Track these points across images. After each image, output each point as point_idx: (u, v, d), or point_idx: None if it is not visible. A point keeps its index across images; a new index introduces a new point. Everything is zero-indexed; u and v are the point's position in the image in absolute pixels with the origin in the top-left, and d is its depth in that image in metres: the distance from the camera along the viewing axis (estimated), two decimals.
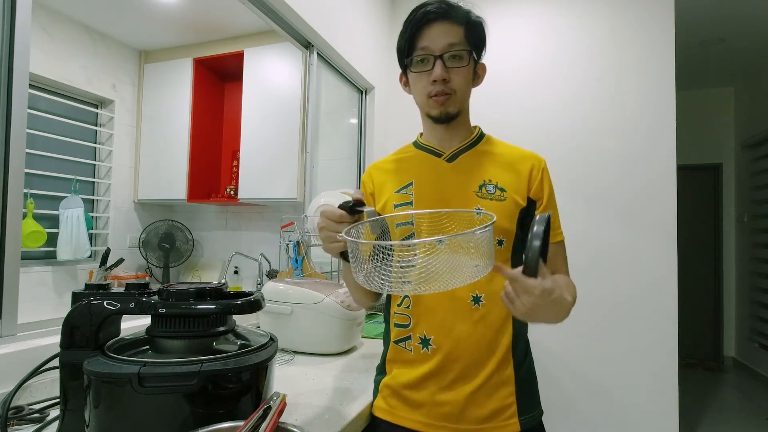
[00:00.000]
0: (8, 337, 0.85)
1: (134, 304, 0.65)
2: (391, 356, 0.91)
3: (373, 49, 2.36)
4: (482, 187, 0.87)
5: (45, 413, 0.75)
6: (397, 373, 0.88)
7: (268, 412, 0.58)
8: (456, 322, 0.83)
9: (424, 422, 0.83)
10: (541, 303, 0.62)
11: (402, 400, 0.86)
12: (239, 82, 2.44)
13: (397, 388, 0.87)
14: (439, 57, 0.83)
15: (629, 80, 2.19)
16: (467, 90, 0.89)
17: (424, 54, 0.84)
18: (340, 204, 0.74)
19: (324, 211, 0.74)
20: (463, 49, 0.84)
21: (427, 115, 0.91)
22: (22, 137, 0.88)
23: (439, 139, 0.93)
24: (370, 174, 0.99)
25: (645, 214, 2.14)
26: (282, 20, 1.68)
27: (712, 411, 3.23)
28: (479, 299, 0.84)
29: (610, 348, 2.16)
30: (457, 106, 0.88)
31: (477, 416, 0.82)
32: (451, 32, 0.83)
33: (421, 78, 0.86)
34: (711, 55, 3.69)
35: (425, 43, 0.83)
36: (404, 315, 0.89)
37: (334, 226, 0.72)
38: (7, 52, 0.86)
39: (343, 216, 0.72)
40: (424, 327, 0.86)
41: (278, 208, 2.49)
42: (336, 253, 0.77)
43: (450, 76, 0.84)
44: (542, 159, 0.93)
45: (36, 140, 2.12)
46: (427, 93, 0.86)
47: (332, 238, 0.73)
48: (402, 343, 0.89)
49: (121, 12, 2.28)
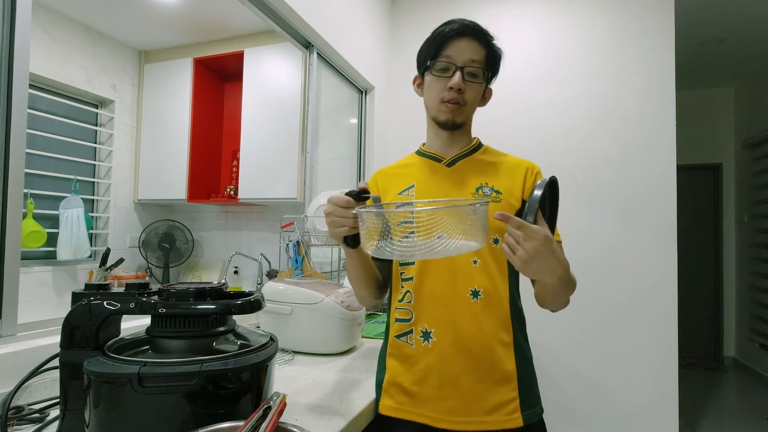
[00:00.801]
0: (8, 337, 0.85)
1: (134, 304, 0.65)
2: (391, 351, 0.94)
3: (373, 49, 2.36)
4: (479, 189, 0.93)
5: (45, 413, 0.75)
6: (400, 370, 0.91)
7: (268, 412, 0.58)
8: (456, 315, 0.87)
9: (431, 416, 0.86)
10: (542, 250, 0.67)
11: (408, 396, 0.89)
12: (239, 82, 2.44)
13: (402, 385, 0.90)
14: (460, 68, 0.90)
15: (629, 80, 2.19)
16: (475, 105, 0.96)
17: (447, 62, 0.91)
18: (347, 192, 0.78)
19: (332, 197, 0.78)
20: (481, 68, 0.92)
21: (434, 119, 0.96)
22: (22, 137, 0.88)
23: (441, 145, 0.99)
24: (375, 179, 1.05)
25: (645, 214, 2.14)
26: (282, 20, 1.68)
27: (712, 411, 3.23)
28: (478, 293, 0.87)
29: (610, 348, 2.16)
30: (464, 116, 0.95)
31: (481, 409, 0.84)
32: (475, 50, 0.91)
33: (439, 82, 0.92)
34: (711, 55, 3.69)
35: (450, 52, 0.90)
36: (406, 310, 0.92)
37: (341, 212, 0.77)
38: (7, 52, 0.86)
39: (350, 202, 0.77)
40: (425, 320, 0.89)
41: (278, 208, 2.49)
42: (340, 239, 0.80)
43: (465, 88, 0.91)
44: (536, 165, 0.99)
45: (36, 140, 2.13)
46: (441, 98, 0.92)
47: (338, 223, 0.77)
48: (403, 337, 0.92)
49: (121, 12, 2.28)
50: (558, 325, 2.24)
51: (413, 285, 0.91)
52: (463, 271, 0.88)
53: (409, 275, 0.92)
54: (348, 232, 0.78)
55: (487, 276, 0.88)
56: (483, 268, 0.88)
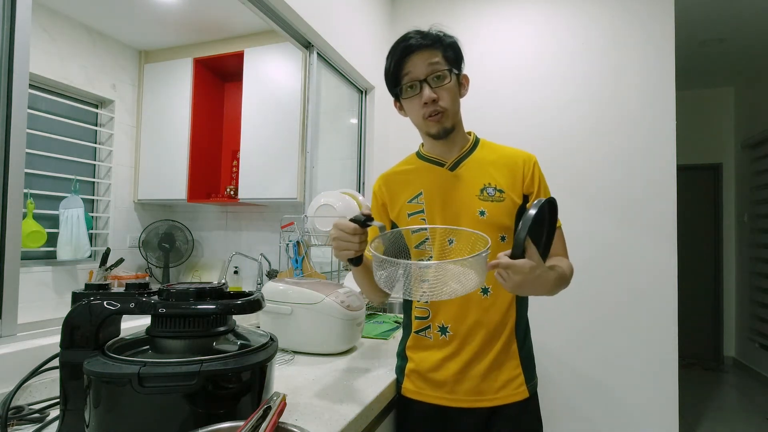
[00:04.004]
0: (8, 337, 0.85)
1: (134, 304, 0.65)
2: (411, 344, 1.05)
3: (373, 49, 2.36)
4: (483, 191, 0.98)
5: (45, 413, 0.75)
6: (420, 358, 1.02)
7: (268, 412, 0.58)
8: (469, 310, 0.97)
9: (448, 398, 0.98)
10: (529, 279, 0.75)
11: (427, 381, 1.00)
12: (239, 82, 2.44)
13: (421, 372, 1.01)
14: (424, 80, 0.93)
15: (629, 80, 2.19)
16: (456, 103, 0.99)
17: (410, 80, 0.94)
18: (352, 218, 0.84)
19: (337, 223, 0.84)
20: (444, 69, 0.94)
21: (427, 134, 1.01)
22: (22, 137, 0.88)
23: (440, 150, 1.04)
24: (380, 185, 1.10)
25: (645, 214, 2.14)
26: (282, 20, 1.68)
27: (712, 411, 3.23)
28: (487, 290, 0.97)
29: (610, 348, 2.16)
30: (451, 120, 0.98)
31: (492, 388, 0.96)
32: (429, 56, 0.93)
33: (413, 102, 0.96)
34: (711, 55, 3.69)
35: (409, 69, 0.94)
36: (424, 309, 1.02)
37: (347, 237, 0.83)
38: (7, 52, 0.86)
39: (356, 229, 0.82)
40: (442, 317, 0.99)
41: (278, 208, 2.49)
42: (345, 260, 0.88)
43: (438, 96, 0.93)
44: (532, 156, 1.03)
45: (36, 140, 2.12)
46: (422, 115, 0.96)
47: (344, 247, 0.84)
48: (422, 332, 1.02)
49: (121, 12, 2.28)
50: (558, 325, 2.24)
51: None
52: None
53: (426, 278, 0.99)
54: (353, 256, 0.85)
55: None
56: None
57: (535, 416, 1.01)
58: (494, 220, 0.96)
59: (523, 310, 1.02)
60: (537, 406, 1.02)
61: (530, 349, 1.03)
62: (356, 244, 0.83)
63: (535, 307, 0.99)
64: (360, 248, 0.84)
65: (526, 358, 1.00)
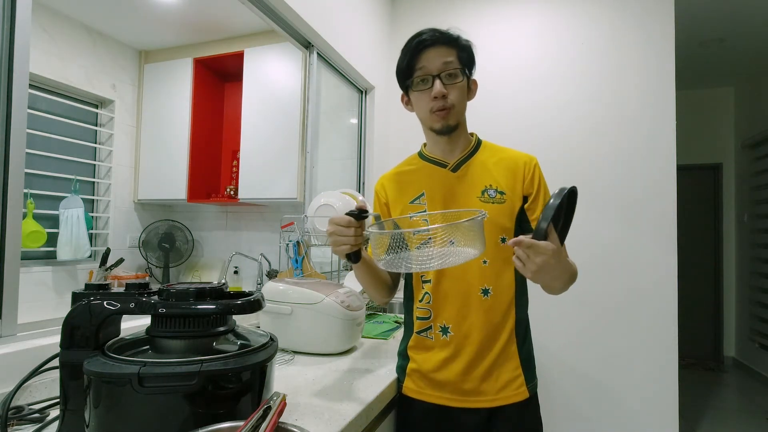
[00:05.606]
0: (8, 337, 0.85)
1: (134, 304, 0.65)
2: (413, 344, 1.05)
3: (373, 49, 2.36)
4: (484, 192, 0.99)
5: (45, 413, 0.75)
6: (422, 359, 1.02)
7: (268, 412, 0.58)
8: (469, 311, 0.98)
9: (449, 398, 0.98)
10: (551, 262, 0.74)
11: (429, 381, 1.01)
12: (239, 82, 2.44)
13: (423, 372, 1.01)
14: (437, 76, 0.94)
15: (629, 80, 2.19)
16: (463, 103, 1.00)
17: (423, 74, 0.95)
18: (347, 212, 0.84)
19: (333, 218, 0.85)
20: (456, 68, 0.95)
21: (430, 129, 1.01)
22: (22, 137, 0.87)
23: (443, 150, 1.04)
24: (382, 185, 1.10)
25: (645, 214, 2.14)
26: (282, 20, 1.68)
27: (712, 411, 3.23)
28: (488, 291, 0.98)
29: (610, 348, 2.16)
30: (456, 118, 0.99)
31: (493, 388, 0.97)
32: (445, 53, 0.95)
33: (423, 96, 0.97)
34: (711, 55, 3.69)
35: (423, 63, 0.95)
36: (425, 309, 1.02)
37: (343, 231, 0.83)
38: (7, 52, 0.86)
39: (350, 221, 0.83)
40: (443, 318, 1.00)
41: (278, 208, 2.49)
42: (343, 255, 0.88)
43: (448, 92, 0.95)
44: (533, 157, 1.04)
45: (36, 140, 2.12)
46: (429, 108, 0.96)
47: (341, 242, 0.84)
48: (424, 332, 1.03)
49: (121, 12, 2.28)
50: (558, 325, 2.24)
51: (431, 287, 1.01)
52: (474, 272, 0.97)
53: (428, 278, 1.02)
54: (350, 250, 0.85)
55: (495, 274, 0.98)
56: (492, 267, 0.98)
57: (536, 416, 1.02)
58: (495, 222, 0.96)
59: (523, 310, 1.02)
60: (537, 407, 1.02)
61: (530, 349, 1.04)
62: (352, 237, 0.83)
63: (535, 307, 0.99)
64: (356, 242, 0.84)
65: (526, 359, 1.01)
